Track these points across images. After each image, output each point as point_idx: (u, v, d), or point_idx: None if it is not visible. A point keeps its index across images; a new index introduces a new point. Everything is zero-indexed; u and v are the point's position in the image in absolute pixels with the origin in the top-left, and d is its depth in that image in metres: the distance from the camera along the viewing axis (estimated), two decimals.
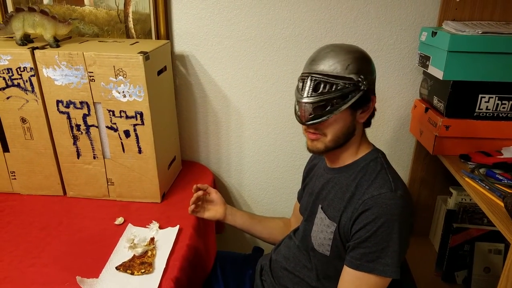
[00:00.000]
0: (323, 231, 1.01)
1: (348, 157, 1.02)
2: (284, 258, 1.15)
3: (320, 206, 1.04)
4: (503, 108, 1.21)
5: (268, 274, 1.18)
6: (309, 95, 0.92)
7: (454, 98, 1.21)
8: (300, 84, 0.96)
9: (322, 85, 0.92)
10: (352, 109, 0.95)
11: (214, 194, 1.29)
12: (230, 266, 1.30)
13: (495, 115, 1.22)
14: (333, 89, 0.91)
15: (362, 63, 0.94)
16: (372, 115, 1.02)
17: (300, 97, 0.94)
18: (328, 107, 0.92)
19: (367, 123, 1.03)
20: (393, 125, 1.55)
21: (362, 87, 0.93)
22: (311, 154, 1.17)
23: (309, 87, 0.93)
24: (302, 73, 0.97)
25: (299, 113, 0.96)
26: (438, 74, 1.21)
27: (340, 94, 0.91)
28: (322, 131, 0.96)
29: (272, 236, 1.31)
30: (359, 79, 0.92)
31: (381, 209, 0.89)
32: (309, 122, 0.94)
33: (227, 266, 1.29)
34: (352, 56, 0.93)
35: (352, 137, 0.99)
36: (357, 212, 0.92)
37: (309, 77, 0.93)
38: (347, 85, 0.91)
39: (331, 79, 0.91)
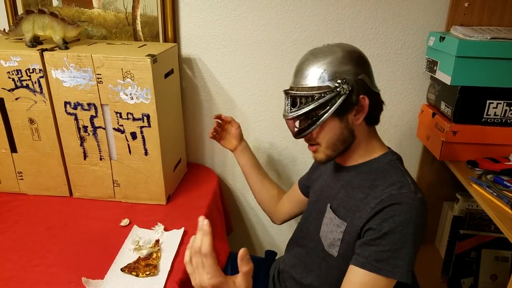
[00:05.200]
0: (332, 231, 0.99)
1: (358, 158, 1.01)
2: (291, 267, 1.13)
3: (329, 205, 1.02)
4: (511, 114, 1.20)
5: (278, 284, 1.17)
6: (288, 112, 0.97)
7: (461, 104, 1.20)
8: (284, 101, 1.00)
9: (298, 100, 0.95)
10: (339, 115, 0.94)
11: (234, 129, 1.36)
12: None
13: (503, 121, 1.21)
14: (309, 102, 0.93)
15: (341, 66, 0.92)
16: (375, 112, 0.98)
17: (283, 115, 0.99)
18: (311, 119, 0.95)
19: (372, 121, 0.99)
20: (400, 130, 1.54)
21: (343, 92, 0.91)
22: None
23: (287, 104, 0.97)
24: (284, 90, 1.00)
25: (289, 128, 1.03)
26: (446, 79, 1.20)
27: (318, 105, 0.92)
28: (315, 141, 0.99)
29: (260, 194, 1.36)
30: (336, 84, 0.91)
31: (401, 208, 0.87)
32: (297, 136, 1.00)
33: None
34: (328, 62, 0.92)
35: (354, 140, 0.98)
36: (373, 211, 0.89)
37: (286, 94, 0.98)
38: (322, 95, 0.91)
39: (304, 92, 0.93)
